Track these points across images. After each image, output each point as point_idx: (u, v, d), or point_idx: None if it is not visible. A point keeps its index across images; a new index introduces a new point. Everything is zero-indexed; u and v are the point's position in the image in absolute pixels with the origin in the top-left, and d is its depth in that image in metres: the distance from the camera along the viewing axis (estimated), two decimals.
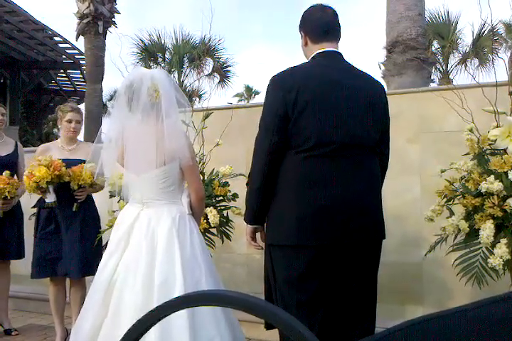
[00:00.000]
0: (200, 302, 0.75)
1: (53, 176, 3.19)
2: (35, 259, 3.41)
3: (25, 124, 14.63)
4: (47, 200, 3.34)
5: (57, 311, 3.49)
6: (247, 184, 2.37)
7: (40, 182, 3.16)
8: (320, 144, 1.93)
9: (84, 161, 3.41)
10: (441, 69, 14.51)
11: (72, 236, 3.35)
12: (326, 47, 2.10)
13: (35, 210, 3.52)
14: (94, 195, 3.60)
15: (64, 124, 3.53)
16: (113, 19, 12.35)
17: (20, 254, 3.85)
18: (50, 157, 3.29)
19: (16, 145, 3.96)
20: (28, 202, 3.72)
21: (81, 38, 12.04)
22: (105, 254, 2.44)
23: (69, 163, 3.32)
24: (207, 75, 17.05)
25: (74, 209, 3.38)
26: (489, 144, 2.54)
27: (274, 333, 1.95)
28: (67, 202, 3.37)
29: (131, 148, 2.39)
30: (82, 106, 12.43)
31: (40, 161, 3.22)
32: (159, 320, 0.73)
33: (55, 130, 15.73)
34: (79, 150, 3.55)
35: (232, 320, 2.35)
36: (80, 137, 3.81)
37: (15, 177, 3.81)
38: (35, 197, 3.51)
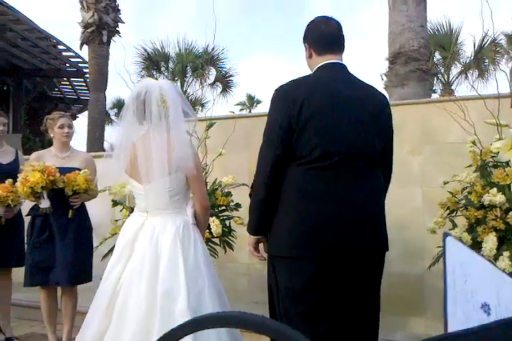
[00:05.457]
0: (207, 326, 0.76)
1: (47, 181, 3.20)
2: (28, 267, 3.42)
3: (28, 132, 14.64)
4: (41, 206, 3.33)
5: (49, 319, 3.49)
6: (249, 195, 2.36)
7: (35, 187, 3.17)
8: (324, 156, 1.93)
9: (79, 169, 3.42)
10: (442, 80, 14.57)
11: (65, 244, 3.35)
12: (330, 59, 2.11)
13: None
14: (96, 204, 3.60)
15: (57, 131, 3.55)
16: (117, 28, 12.42)
17: (21, 262, 3.84)
18: (44, 163, 3.30)
19: (17, 153, 3.98)
20: (24, 210, 3.72)
21: (85, 46, 12.11)
22: (110, 263, 2.45)
23: (64, 171, 3.34)
24: (209, 84, 17.15)
25: (69, 216, 3.38)
26: (492, 156, 2.54)
27: None
28: (63, 210, 3.37)
29: (138, 158, 2.40)
30: (85, 114, 12.46)
31: (33, 166, 3.23)
32: None
33: None
34: (73, 158, 3.57)
35: (233, 330, 2.34)
36: (83, 145, 3.83)
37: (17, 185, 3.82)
38: (29, 205, 3.50)
